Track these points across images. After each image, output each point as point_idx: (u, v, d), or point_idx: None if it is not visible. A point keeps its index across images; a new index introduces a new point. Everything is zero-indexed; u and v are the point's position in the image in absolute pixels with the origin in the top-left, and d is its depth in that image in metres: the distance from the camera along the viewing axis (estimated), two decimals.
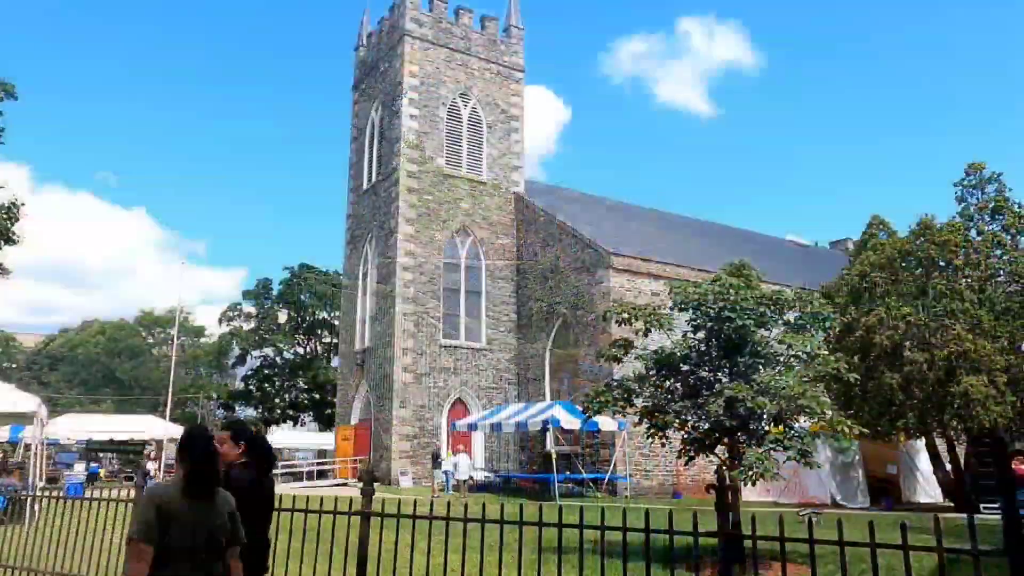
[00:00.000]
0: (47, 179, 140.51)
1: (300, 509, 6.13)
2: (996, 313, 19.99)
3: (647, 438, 11.45)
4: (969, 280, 20.43)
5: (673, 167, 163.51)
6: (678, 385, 11.35)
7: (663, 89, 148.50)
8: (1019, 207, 21.61)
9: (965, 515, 3.03)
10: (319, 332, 60.58)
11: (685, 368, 11.23)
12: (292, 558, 6.45)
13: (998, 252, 20.90)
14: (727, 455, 10.63)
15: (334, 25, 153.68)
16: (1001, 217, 21.46)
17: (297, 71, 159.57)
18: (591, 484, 25.59)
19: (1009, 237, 21.14)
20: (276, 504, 5.35)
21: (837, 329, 17.00)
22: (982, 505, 17.60)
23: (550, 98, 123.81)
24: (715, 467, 7.80)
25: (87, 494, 10.35)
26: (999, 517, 3.22)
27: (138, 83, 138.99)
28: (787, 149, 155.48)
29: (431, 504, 5.68)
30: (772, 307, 10.65)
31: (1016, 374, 18.78)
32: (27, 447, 17.38)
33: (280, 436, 55.37)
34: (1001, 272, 20.95)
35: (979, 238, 21.11)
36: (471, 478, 26.20)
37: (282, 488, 23.22)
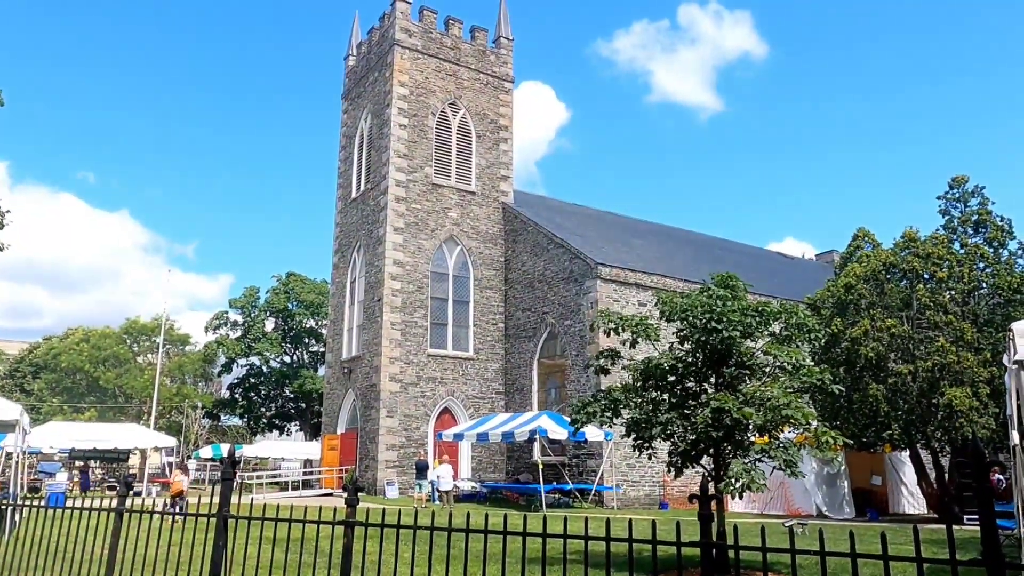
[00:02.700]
0: (26, 177, 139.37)
1: (284, 519, 6.09)
2: (979, 325, 20.19)
3: (634, 449, 11.47)
4: (953, 292, 20.63)
5: (672, 164, 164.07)
6: (665, 396, 11.37)
7: (663, 81, 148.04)
8: (1001, 220, 21.88)
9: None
10: (306, 341, 60.39)
11: (672, 379, 11.25)
12: (275, 568, 6.41)
13: (981, 265, 21.14)
14: (713, 466, 10.65)
15: (324, 34, 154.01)
16: (984, 230, 21.73)
17: (287, 79, 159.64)
18: (578, 495, 25.57)
19: (992, 250, 21.39)
20: (260, 513, 5.31)
21: (822, 341, 17.11)
22: (965, 516, 17.74)
23: (548, 93, 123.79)
24: (702, 478, 7.82)
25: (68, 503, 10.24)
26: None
27: (125, 86, 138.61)
28: (783, 152, 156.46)
29: (415, 514, 5.67)
30: (758, 318, 10.68)
31: (999, 386, 18.95)
32: (8, 456, 17.17)
33: (266, 445, 55.13)
34: (984, 284, 21.17)
35: (962, 251, 21.33)
36: (457, 487, 26.13)
37: (267, 497, 23.09)
